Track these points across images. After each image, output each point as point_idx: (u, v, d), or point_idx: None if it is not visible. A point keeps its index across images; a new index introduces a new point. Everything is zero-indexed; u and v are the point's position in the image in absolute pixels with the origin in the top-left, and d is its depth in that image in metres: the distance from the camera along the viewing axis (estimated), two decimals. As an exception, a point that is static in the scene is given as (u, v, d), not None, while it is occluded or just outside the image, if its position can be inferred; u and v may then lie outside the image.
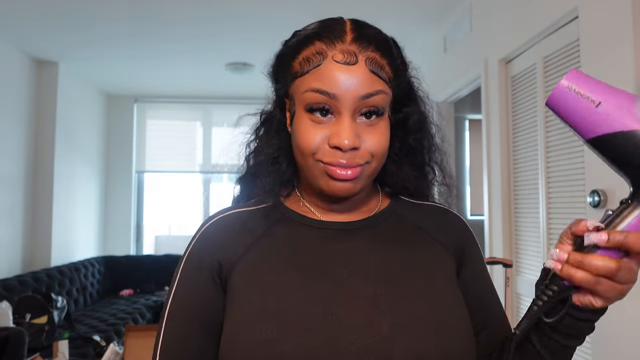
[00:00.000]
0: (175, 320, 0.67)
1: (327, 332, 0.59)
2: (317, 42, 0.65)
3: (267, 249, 0.68)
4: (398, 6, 3.22)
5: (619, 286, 0.54)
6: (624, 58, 1.77)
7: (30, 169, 4.27)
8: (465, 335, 0.64)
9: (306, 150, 0.65)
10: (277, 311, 0.61)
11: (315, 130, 0.64)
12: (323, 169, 0.65)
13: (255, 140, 0.78)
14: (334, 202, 0.72)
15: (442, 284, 0.67)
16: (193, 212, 5.53)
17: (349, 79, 0.62)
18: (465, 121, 4.42)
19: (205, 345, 0.66)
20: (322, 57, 0.64)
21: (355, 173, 0.64)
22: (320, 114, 0.64)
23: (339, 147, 0.62)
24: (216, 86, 5.19)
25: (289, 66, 0.68)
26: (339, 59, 0.63)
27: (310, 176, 0.67)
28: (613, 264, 0.53)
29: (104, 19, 3.46)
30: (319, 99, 0.63)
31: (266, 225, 0.71)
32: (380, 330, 0.60)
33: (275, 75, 0.73)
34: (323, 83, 0.63)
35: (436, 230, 0.74)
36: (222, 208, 0.76)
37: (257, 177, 0.75)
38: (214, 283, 0.67)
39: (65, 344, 2.61)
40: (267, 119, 0.77)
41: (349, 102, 0.63)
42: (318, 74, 0.63)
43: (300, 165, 0.68)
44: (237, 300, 0.64)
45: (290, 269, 0.66)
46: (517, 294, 2.66)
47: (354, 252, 0.68)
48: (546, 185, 2.35)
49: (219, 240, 0.69)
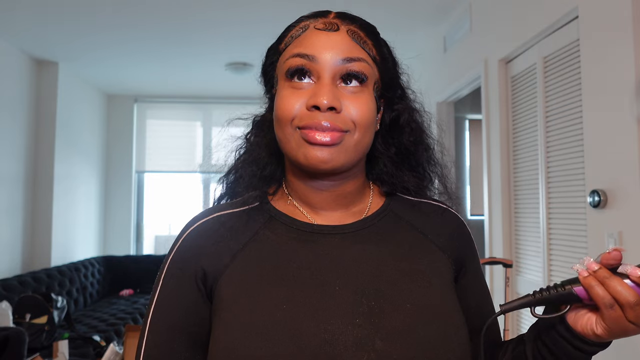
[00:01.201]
0: (157, 331, 0.63)
1: (320, 351, 0.56)
2: (302, 22, 0.67)
3: (256, 257, 0.64)
4: (398, 6, 3.22)
5: (626, 322, 0.54)
6: (624, 58, 1.77)
7: (30, 169, 4.27)
8: (461, 347, 0.61)
9: (284, 117, 0.63)
10: (267, 327, 0.58)
11: (294, 97, 0.63)
12: (300, 137, 0.62)
13: (244, 145, 0.77)
14: (323, 194, 0.68)
15: (439, 292, 0.64)
16: (193, 212, 5.52)
17: (329, 42, 0.63)
18: (465, 121, 4.42)
19: (191, 356, 0.63)
20: (303, 29, 0.65)
21: (335, 138, 0.61)
22: (298, 79, 0.63)
23: (317, 105, 0.60)
24: (216, 86, 5.19)
25: (275, 51, 0.69)
26: (320, 27, 0.64)
27: (288, 150, 0.64)
28: (634, 297, 0.53)
29: (104, 19, 3.46)
30: (297, 62, 0.63)
31: (253, 229, 0.67)
32: (374, 347, 0.57)
33: (265, 69, 0.72)
34: (303, 47, 0.63)
35: (434, 232, 0.71)
36: (205, 210, 0.71)
37: (240, 177, 0.73)
38: (198, 291, 0.64)
39: (65, 344, 2.61)
40: (258, 122, 0.76)
41: (328, 63, 0.62)
42: (299, 42, 0.64)
43: (279, 140, 0.65)
44: (224, 314, 0.61)
45: (280, 280, 0.62)
46: (517, 294, 2.66)
47: (348, 261, 0.64)
48: (546, 185, 2.35)
49: (203, 246, 0.65)
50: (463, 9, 3.23)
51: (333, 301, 0.60)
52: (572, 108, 2.14)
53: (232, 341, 0.58)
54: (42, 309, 3.26)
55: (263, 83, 0.74)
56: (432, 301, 0.63)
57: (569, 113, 2.17)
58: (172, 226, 6.04)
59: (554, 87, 2.29)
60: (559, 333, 0.59)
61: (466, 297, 0.69)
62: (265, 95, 0.75)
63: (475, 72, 3.05)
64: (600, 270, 0.54)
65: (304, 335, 0.57)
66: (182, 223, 0.71)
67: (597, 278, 0.54)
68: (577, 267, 0.56)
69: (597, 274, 0.54)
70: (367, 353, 0.57)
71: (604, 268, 0.55)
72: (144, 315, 0.66)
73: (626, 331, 0.54)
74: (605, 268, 0.55)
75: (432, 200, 0.76)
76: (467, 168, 4.35)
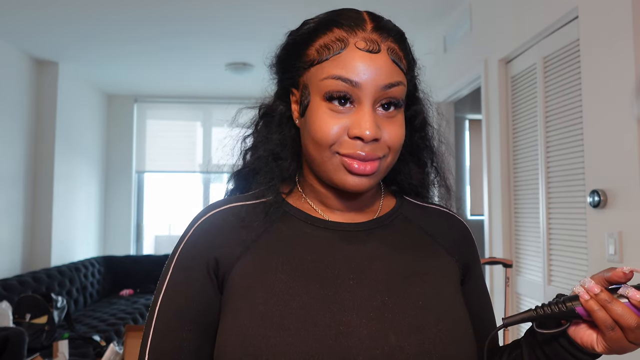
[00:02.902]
0: (166, 319, 0.62)
1: (335, 342, 0.57)
2: (335, 30, 0.63)
3: (269, 248, 0.64)
4: (398, 6, 3.22)
5: (626, 342, 0.55)
6: (624, 58, 1.77)
7: (30, 169, 4.27)
8: (470, 346, 0.63)
9: (323, 141, 0.61)
10: (283, 318, 0.58)
11: (333, 120, 0.61)
12: (340, 163, 0.62)
13: (253, 135, 0.74)
14: (343, 199, 0.68)
15: (448, 292, 0.66)
16: (193, 212, 5.52)
17: (371, 67, 0.60)
18: (465, 121, 4.42)
19: (199, 346, 0.63)
20: (343, 44, 0.61)
21: (374, 168, 0.61)
22: (338, 103, 0.61)
23: (360, 137, 0.60)
24: (216, 86, 5.19)
25: (302, 54, 0.65)
26: (362, 46, 0.61)
27: (322, 170, 0.64)
28: (635, 320, 0.53)
29: (104, 19, 3.46)
30: (340, 86, 0.60)
31: (267, 221, 0.66)
32: (388, 341, 0.58)
33: (282, 65, 0.69)
34: (345, 70, 0.60)
35: (442, 237, 0.72)
36: (218, 200, 0.71)
37: (256, 173, 0.71)
38: (210, 281, 0.63)
39: (65, 344, 2.61)
40: (267, 112, 0.73)
41: (371, 91, 0.60)
42: (339, 61, 0.61)
43: (313, 158, 0.64)
44: (237, 303, 0.61)
45: (295, 272, 0.62)
46: (517, 294, 2.66)
47: (362, 257, 0.65)
48: (546, 185, 2.35)
49: (215, 236, 0.65)
50: (463, 9, 3.23)
51: (348, 294, 0.61)
52: (572, 108, 2.14)
53: (245, 329, 0.58)
54: (42, 309, 3.26)
55: (276, 72, 0.71)
56: (442, 301, 0.64)
57: (569, 113, 2.17)
58: (172, 226, 6.04)
59: (554, 87, 2.29)
60: (559, 343, 0.60)
61: (469, 302, 0.70)
62: (277, 84, 0.72)
63: (475, 72, 3.05)
64: (601, 294, 0.55)
65: (319, 327, 0.57)
66: (182, 223, 0.70)
67: (598, 302, 0.55)
68: (578, 291, 0.56)
69: (599, 298, 0.55)
70: (381, 347, 0.57)
71: (605, 291, 0.55)
72: (151, 304, 0.65)
73: (625, 350, 0.56)
74: (606, 291, 0.55)
75: (439, 205, 0.77)
76: (467, 168, 4.36)
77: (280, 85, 0.71)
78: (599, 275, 0.57)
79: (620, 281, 0.55)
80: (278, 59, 0.70)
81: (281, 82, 0.71)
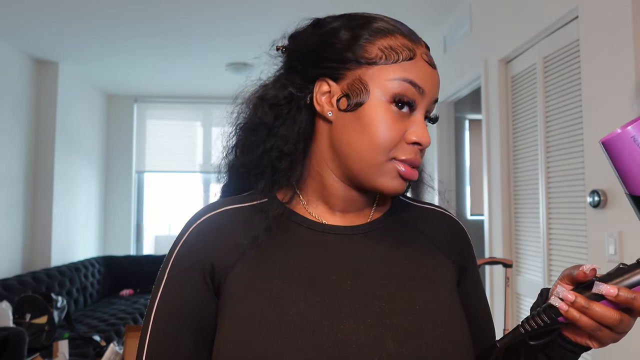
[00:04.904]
0: (162, 323, 0.62)
1: (333, 350, 0.56)
2: (399, 36, 0.64)
3: (266, 253, 0.63)
4: (397, 6, 3.22)
5: (616, 335, 0.56)
6: (624, 58, 1.77)
7: (30, 169, 4.27)
8: (467, 349, 0.63)
9: (385, 145, 0.61)
10: (280, 326, 0.57)
11: (396, 124, 0.61)
12: (394, 168, 0.62)
13: (248, 125, 0.69)
14: (347, 201, 0.67)
15: (445, 295, 0.65)
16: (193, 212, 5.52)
17: (433, 80, 0.64)
18: (465, 121, 4.42)
19: (195, 350, 0.62)
20: (412, 53, 0.63)
21: (417, 173, 0.64)
22: (403, 107, 0.62)
23: (420, 143, 0.62)
24: (216, 86, 5.18)
25: (361, 48, 0.63)
26: (426, 59, 0.64)
27: (365, 172, 0.62)
28: (617, 316, 0.54)
29: (104, 19, 3.46)
30: (411, 91, 0.62)
31: (264, 225, 0.64)
32: (386, 347, 0.58)
33: (317, 53, 0.65)
34: (418, 77, 0.62)
35: (437, 237, 0.72)
36: (213, 202, 0.69)
37: (257, 172, 0.67)
38: (206, 286, 0.62)
39: (65, 344, 2.61)
40: (275, 101, 0.66)
41: (428, 101, 0.64)
42: (411, 67, 0.62)
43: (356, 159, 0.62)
44: (234, 309, 0.60)
45: (291, 278, 0.61)
46: (517, 294, 2.66)
47: (358, 261, 0.64)
48: (546, 185, 2.35)
49: (211, 240, 0.64)
50: (463, 9, 3.23)
51: (345, 300, 0.60)
52: (572, 108, 2.14)
53: (242, 337, 0.58)
54: (42, 309, 3.27)
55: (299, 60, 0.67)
56: (439, 304, 0.64)
57: (569, 113, 2.17)
58: (172, 226, 6.04)
59: (554, 87, 2.29)
60: (558, 343, 0.62)
61: (466, 303, 0.70)
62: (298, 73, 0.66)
63: (475, 72, 3.05)
64: (577, 300, 0.55)
65: (317, 334, 0.57)
66: (182, 223, 0.68)
67: (577, 309, 0.55)
68: (555, 302, 0.57)
69: (576, 305, 0.55)
70: (379, 354, 0.57)
71: (580, 296, 0.55)
72: (147, 309, 0.64)
73: (617, 339, 0.57)
74: (581, 296, 0.55)
75: (434, 205, 0.77)
76: (467, 168, 4.36)
77: (304, 74, 0.66)
78: (568, 273, 0.58)
79: (587, 279, 0.57)
80: (309, 46, 0.66)
81: (306, 70, 0.66)
